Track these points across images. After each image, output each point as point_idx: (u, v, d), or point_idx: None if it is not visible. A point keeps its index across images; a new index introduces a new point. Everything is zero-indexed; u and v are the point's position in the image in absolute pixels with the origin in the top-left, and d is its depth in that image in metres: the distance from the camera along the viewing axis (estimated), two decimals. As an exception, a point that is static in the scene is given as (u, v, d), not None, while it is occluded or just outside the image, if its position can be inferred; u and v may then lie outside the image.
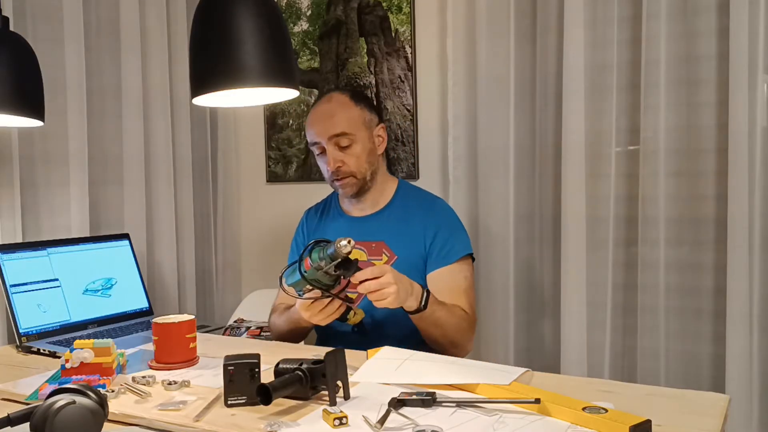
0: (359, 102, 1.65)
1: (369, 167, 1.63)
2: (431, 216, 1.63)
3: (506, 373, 1.14)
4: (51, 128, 1.83)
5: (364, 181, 1.63)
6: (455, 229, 1.64)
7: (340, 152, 1.60)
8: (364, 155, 1.61)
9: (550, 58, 1.88)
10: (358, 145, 1.60)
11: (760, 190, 1.59)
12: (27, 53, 1.49)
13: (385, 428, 0.95)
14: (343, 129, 1.59)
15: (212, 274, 2.45)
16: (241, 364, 1.08)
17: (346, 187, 1.62)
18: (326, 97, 1.68)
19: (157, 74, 2.14)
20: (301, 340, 1.70)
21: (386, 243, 1.62)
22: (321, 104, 1.66)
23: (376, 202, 1.68)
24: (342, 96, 1.65)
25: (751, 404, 1.61)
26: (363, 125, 1.62)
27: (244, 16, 1.08)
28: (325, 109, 1.63)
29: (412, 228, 1.62)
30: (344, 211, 1.72)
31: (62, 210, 1.90)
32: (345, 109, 1.62)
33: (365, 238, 1.64)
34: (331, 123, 1.60)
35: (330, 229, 1.71)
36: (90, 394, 0.89)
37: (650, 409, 1.00)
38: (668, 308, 1.73)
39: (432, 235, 1.60)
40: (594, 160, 1.81)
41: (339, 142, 1.59)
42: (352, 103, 1.63)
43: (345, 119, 1.60)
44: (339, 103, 1.63)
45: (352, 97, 1.65)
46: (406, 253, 1.60)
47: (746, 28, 1.56)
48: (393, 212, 1.67)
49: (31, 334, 1.60)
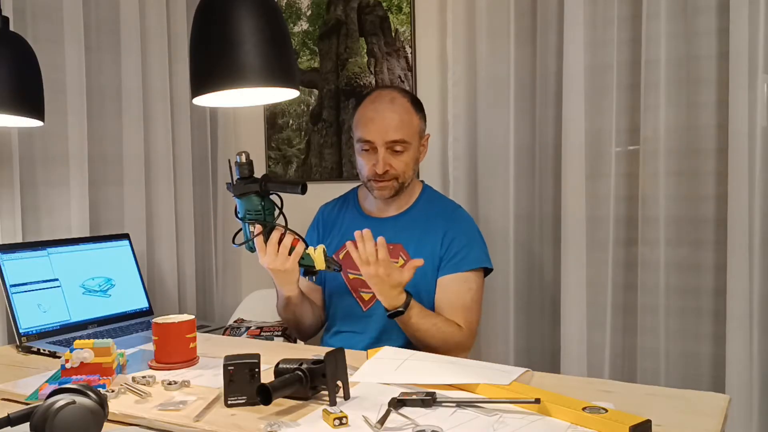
0: (419, 111, 1.65)
1: (412, 174, 1.64)
2: (451, 224, 1.63)
3: (506, 373, 1.14)
4: (51, 128, 1.83)
5: (402, 186, 1.63)
6: (472, 240, 1.63)
7: (392, 156, 1.59)
8: (412, 163, 1.63)
9: (550, 58, 1.88)
10: (409, 153, 1.61)
11: (760, 190, 1.59)
12: (27, 53, 1.49)
13: (385, 428, 0.95)
14: (403, 136, 1.58)
15: (212, 274, 2.45)
16: (241, 364, 1.08)
17: (384, 189, 1.61)
18: (387, 95, 1.64)
19: (157, 74, 2.14)
20: (310, 322, 1.70)
21: (404, 246, 1.62)
22: (382, 103, 1.62)
23: (401, 205, 1.69)
24: (404, 100, 1.63)
25: (751, 404, 1.61)
26: (417, 135, 1.64)
27: (244, 16, 1.08)
28: (388, 111, 1.60)
29: (430, 234, 1.62)
30: (365, 211, 1.72)
31: (62, 210, 1.90)
32: (408, 117, 1.61)
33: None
34: (392, 128, 1.58)
35: (348, 226, 1.71)
36: (90, 394, 0.89)
37: (650, 409, 1.00)
38: (668, 308, 1.73)
39: (448, 242, 1.60)
40: (594, 160, 1.81)
41: (394, 146, 1.58)
42: (414, 111, 1.63)
43: (406, 126, 1.59)
44: (403, 108, 1.61)
45: (412, 102, 1.64)
46: (422, 257, 1.58)
47: (746, 28, 1.56)
48: (414, 216, 1.67)
49: (31, 334, 1.60)
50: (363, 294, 1.62)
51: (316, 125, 2.36)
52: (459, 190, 2.03)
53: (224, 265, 2.50)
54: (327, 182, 2.32)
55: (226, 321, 2.15)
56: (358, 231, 1.41)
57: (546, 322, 1.96)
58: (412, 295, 1.48)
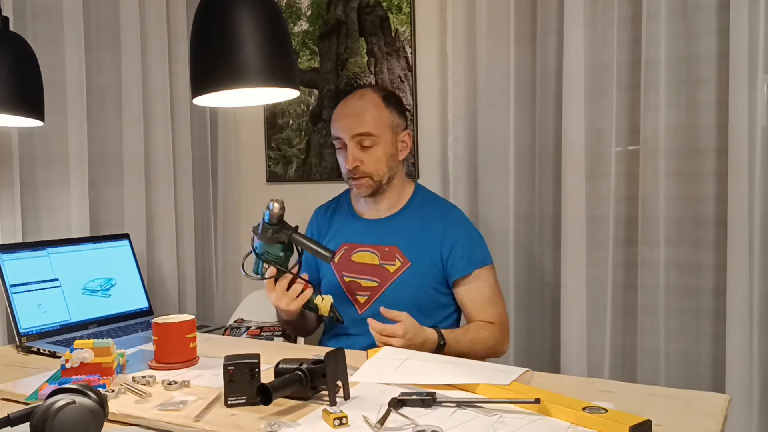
0: (390, 104, 1.63)
1: (387, 171, 1.61)
2: (449, 226, 1.61)
3: (506, 373, 1.14)
4: (51, 128, 1.83)
5: (380, 184, 1.61)
6: (474, 240, 1.63)
7: (361, 152, 1.58)
8: (385, 159, 1.60)
9: (550, 58, 1.88)
10: (380, 148, 1.59)
11: (760, 190, 1.59)
12: (27, 53, 1.49)
13: (385, 428, 0.95)
14: (369, 129, 1.57)
15: (212, 274, 2.45)
16: (241, 364, 1.08)
17: (361, 187, 1.61)
18: (359, 92, 1.65)
19: (157, 74, 2.14)
20: (308, 327, 1.73)
21: (400, 248, 1.61)
22: (352, 100, 1.63)
23: (392, 205, 1.67)
24: (374, 95, 1.63)
25: (751, 404, 1.61)
26: (389, 128, 1.61)
27: (244, 16, 1.08)
28: (354, 106, 1.61)
29: (427, 235, 1.60)
30: (357, 213, 1.71)
31: (62, 210, 1.90)
32: (375, 110, 1.60)
33: (378, 241, 1.63)
34: (357, 121, 1.58)
35: (342, 229, 1.70)
36: (90, 394, 0.89)
37: (650, 409, 1.00)
38: (668, 308, 1.73)
39: (450, 246, 1.59)
40: (594, 160, 1.81)
41: (362, 141, 1.58)
42: (383, 105, 1.61)
43: (373, 119, 1.58)
44: (370, 102, 1.61)
45: (384, 98, 1.63)
46: (420, 260, 1.59)
47: (746, 28, 1.56)
48: (408, 217, 1.65)
49: (31, 334, 1.60)
50: (359, 297, 1.62)
51: (316, 125, 2.36)
52: (459, 190, 2.03)
53: (224, 265, 2.50)
54: (327, 182, 2.32)
55: (226, 321, 2.15)
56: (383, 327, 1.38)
57: (546, 322, 1.96)
58: (443, 340, 1.46)
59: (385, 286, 1.59)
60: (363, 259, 1.63)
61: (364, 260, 1.63)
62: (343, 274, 1.64)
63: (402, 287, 1.58)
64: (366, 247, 1.64)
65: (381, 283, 1.60)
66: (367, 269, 1.61)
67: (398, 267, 1.59)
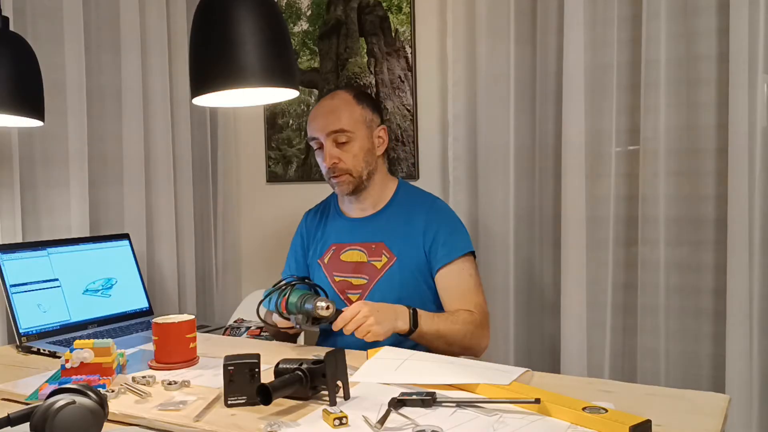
0: (362, 101, 1.65)
1: (366, 167, 1.62)
2: (431, 216, 1.62)
3: (506, 373, 1.14)
4: (51, 128, 1.83)
5: (360, 180, 1.62)
6: (455, 228, 1.63)
7: (338, 149, 1.60)
8: (362, 154, 1.61)
9: (550, 58, 1.88)
10: (356, 144, 1.60)
11: (760, 190, 1.59)
12: (27, 53, 1.49)
13: (385, 428, 0.95)
14: (343, 126, 1.59)
15: (212, 274, 2.45)
16: (241, 364, 1.08)
17: (342, 185, 1.62)
18: (330, 94, 1.69)
19: (157, 74, 2.14)
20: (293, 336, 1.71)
21: (386, 244, 1.62)
22: (324, 100, 1.66)
23: (376, 202, 1.68)
24: (346, 94, 1.65)
25: (751, 404, 1.61)
26: (363, 124, 1.62)
27: (244, 17, 1.08)
28: (327, 105, 1.63)
29: (412, 228, 1.61)
30: (344, 213, 1.72)
31: (62, 210, 1.90)
32: (347, 107, 1.62)
33: (365, 239, 1.64)
34: (331, 119, 1.60)
35: (330, 230, 1.71)
36: (90, 394, 0.89)
37: (650, 409, 1.00)
38: (668, 308, 1.73)
39: (432, 235, 1.59)
40: (594, 160, 1.81)
41: (337, 138, 1.59)
42: (354, 102, 1.63)
43: (346, 116, 1.60)
44: (342, 100, 1.63)
45: (355, 95, 1.65)
46: (406, 253, 1.60)
47: (746, 28, 1.56)
48: (392, 213, 1.66)
49: (31, 334, 1.60)
50: (350, 295, 1.62)
51: (316, 125, 2.35)
52: (459, 190, 2.03)
53: (224, 265, 2.50)
54: (327, 182, 2.32)
55: (226, 321, 2.16)
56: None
57: (546, 322, 1.96)
58: (413, 308, 1.46)
59: (374, 282, 1.60)
60: (352, 257, 1.64)
61: (353, 259, 1.64)
62: (334, 274, 1.65)
63: (389, 282, 1.58)
64: (354, 246, 1.65)
65: (370, 279, 1.60)
66: (356, 267, 1.62)
67: (385, 262, 1.60)
